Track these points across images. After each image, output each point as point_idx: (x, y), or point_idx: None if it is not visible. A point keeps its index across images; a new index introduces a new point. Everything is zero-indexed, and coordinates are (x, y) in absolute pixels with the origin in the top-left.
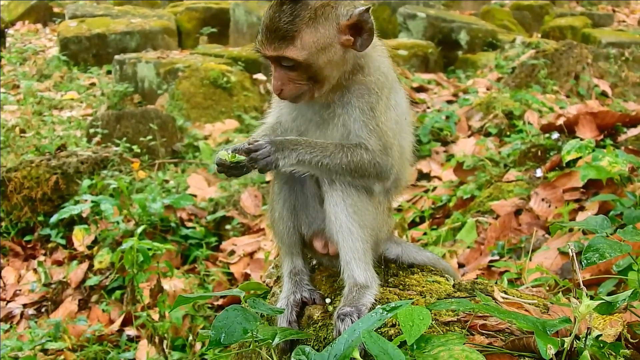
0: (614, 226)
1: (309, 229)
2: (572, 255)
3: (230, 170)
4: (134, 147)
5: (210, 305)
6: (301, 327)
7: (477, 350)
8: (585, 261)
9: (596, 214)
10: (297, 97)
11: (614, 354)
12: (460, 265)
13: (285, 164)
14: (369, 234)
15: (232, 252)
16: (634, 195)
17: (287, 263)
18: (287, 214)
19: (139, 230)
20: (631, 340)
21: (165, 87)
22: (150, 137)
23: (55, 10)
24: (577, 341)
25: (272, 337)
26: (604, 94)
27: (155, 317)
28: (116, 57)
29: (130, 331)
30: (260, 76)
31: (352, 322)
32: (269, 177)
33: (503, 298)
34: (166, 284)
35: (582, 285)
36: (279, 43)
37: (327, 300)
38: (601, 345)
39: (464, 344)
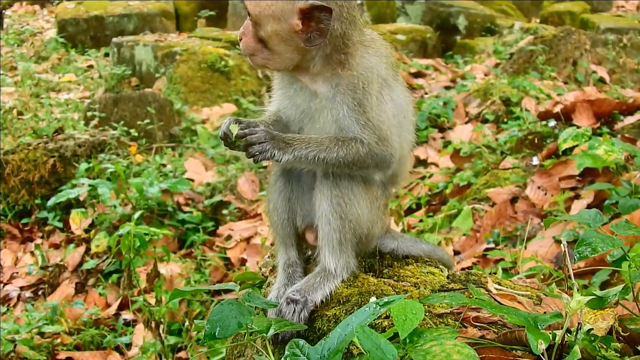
0: (610, 215)
1: (303, 221)
2: (565, 251)
3: (230, 146)
4: (132, 130)
5: (207, 291)
6: None
7: (470, 343)
8: (577, 255)
9: (592, 203)
10: (254, 57)
11: (605, 347)
12: (456, 253)
13: (279, 156)
14: (350, 226)
15: (229, 237)
16: (630, 183)
17: (282, 254)
18: (282, 206)
19: (136, 215)
20: (622, 334)
21: (162, 71)
22: (147, 120)
23: None
24: (569, 334)
25: (267, 329)
26: (601, 80)
27: (152, 301)
28: (114, 39)
29: (127, 315)
30: None
31: (292, 313)
32: (266, 162)
33: (496, 289)
34: (163, 269)
35: (573, 280)
36: (255, 6)
37: None
38: (592, 338)
39: (455, 338)
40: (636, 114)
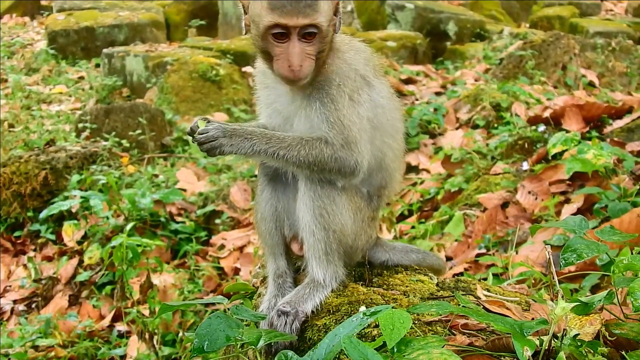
0: (600, 218)
1: (290, 230)
2: (549, 258)
3: (195, 141)
4: (123, 141)
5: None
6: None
7: (457, 351)
8: (563, 261)
9: (582, 207)
10: (306, 76)
11: (592, 352)
12: (448, 259)
13: (232, 151)
14: (335, 236)
15: (222, 247)
16: (619, 187)
17: (271, 264)
18: (269, 215)
19: (129, 227)
20: (609, 338)
21: (154, 81)
22: (139, 131)
23: (43, 3)
24: (555, 340)
25: (257, 340)
26: (591, 84)
27: (146, 312)
28: (104, 50)
29: (121, 327)
30: (249, 69)
31: (284, 325)
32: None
33: (485, 296)
34: (156, 279)
35: (558, 287)
36: (309, 9)
37: None
38: (579, 344)
39: (443, 346)
40: (625, 117)
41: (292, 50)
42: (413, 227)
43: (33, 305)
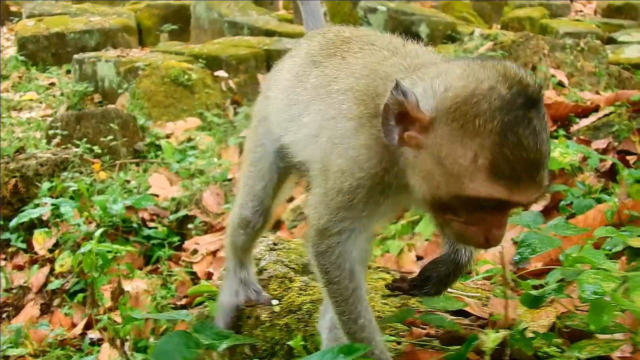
0: (565, 215)
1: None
2: (502, 252)
3: None
4: (95, 147)
5: (173, 305)
6: (247, 329)
7: (414, 343)
8: (518, 256)
9: (549, 205)
10: None
11: (547, 343)
12: (419, 258)
13: None
14: None
15: (195, 251)
16: (584, 184)
17: (234, 262)
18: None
19: (97, 233)
20: (564, 330)
21: (125, 86)
22: (111, 137)
23: (12, 9)
24: (510, 330)
25: (218, 344)
26: (560, 84)
27: (118, 319)
28: (75, 56)
29: (93, 334)
30: (221, 73)
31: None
32: (230, 175)
33: (447, 292)
34: (128, 286)
35: (509, 280)
36: (546, 179)
37: (274, 302)
38: (534, 336)
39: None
40: (591, 116)
41: (500, 221)
42: (384, 228)
43: (4, 315)
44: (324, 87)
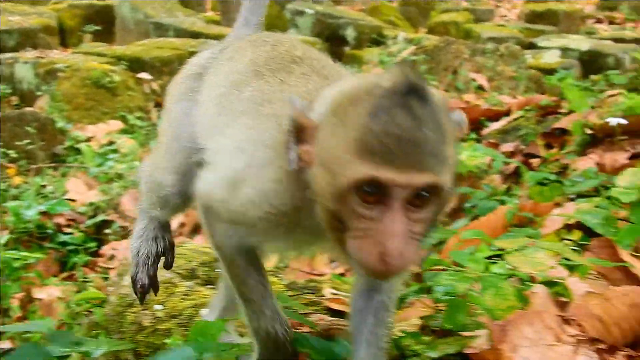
0: (469, 217)
1: None
2: None
3: None
4: (10, 152)
5: (87, 312)
6: (130, 334)
7: None
8: None
9: (455, 206)
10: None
11: (415, 341)
12: (332, 261)
13: None
14: None
15: (112, 257)
16: (489, 186)
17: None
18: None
19: (3, 240)
20: (433, 328)
21: (44, 88)
22: (28, 140)
23: None
24: None
25: (94, 350)
26: (480, 87)
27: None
28: None
29: (4, 344)
30: (144, 75)
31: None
32: None
33: (332, 294)
34: (43, 293)
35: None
36: (432, 160)
37: (158, 307)
38: (403, 335)
39: None
40: (502, 119)
41: (393, 226)
42: None
43: None
44: (258, 104)
